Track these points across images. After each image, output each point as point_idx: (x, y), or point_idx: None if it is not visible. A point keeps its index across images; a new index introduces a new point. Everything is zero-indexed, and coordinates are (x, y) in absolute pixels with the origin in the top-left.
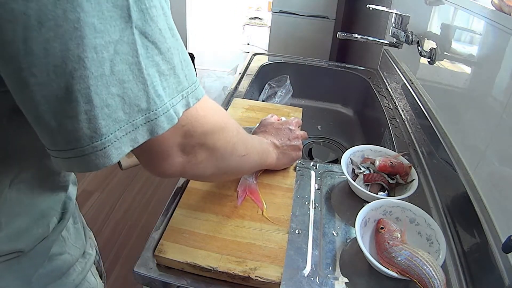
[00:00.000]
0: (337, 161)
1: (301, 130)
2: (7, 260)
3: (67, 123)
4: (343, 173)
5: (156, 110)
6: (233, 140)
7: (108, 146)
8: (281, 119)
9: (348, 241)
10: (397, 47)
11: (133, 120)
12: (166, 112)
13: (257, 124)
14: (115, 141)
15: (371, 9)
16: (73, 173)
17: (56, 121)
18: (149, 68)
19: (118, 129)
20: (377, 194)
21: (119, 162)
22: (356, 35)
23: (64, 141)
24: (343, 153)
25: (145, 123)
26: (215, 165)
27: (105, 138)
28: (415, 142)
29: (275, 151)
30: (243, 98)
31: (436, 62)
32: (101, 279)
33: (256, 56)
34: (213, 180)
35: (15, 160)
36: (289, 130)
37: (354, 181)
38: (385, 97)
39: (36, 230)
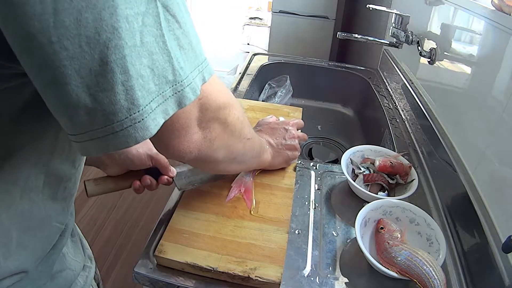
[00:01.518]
0: (337, 161)
1: (301, 132)
2: (11, 285)
3: (103, 97)
4: (343, 173)
5: (181, 81)
6: (241, 118)
7: (146, 117)
8: (279, 119)
9: (348, 241)
10: (397, 47)
11: (162, 92)
12: (190, 83)
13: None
14: (151, 112)
15: (371, 9)
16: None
17: (91, 96)
18: (171, 41)
19: (152, 100)
20: (377, 194)
21: (85, 189)
22: (356, 35)
23: (101, 117)
24: (343, 153)
25: (173, 95)
26: (226, 143)
27: (142, 109)
28: (415, 142)
29: (270, 150)
30: (243, 98)
31: (436, 62)
32: (98, 287)
33: (256, 56)
34: (223, 167)
35: (22, 165)
36: (285, 129)
37: (354, 181)
38: (385, 97)
39: (42, 247)
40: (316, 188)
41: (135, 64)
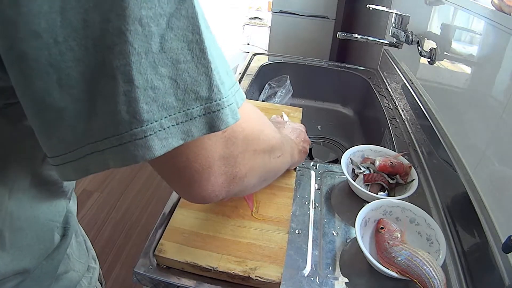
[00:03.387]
0: (337, 161)
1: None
2: (14, 286)
3: (104, 106)
4: (343, 173)
5: (219, 100)
6: (272, 142)
7: (150, 135)
8: (283, 118)
9: (348, 241)
10: (397, 47)
11: (187, 109)
12: (230, 104)
13: None
14: (159, 131)
15: (371, 9)
16: (72, 185)
17: (93, 103)
18: (214, 49)
19: (165, 117)
20: (377, 194)
21: None
22: (356, 35)
23: (101, 127)
24: (343, 153)
25: (204, 114)
26: (257, 174)
27: (146, 125)
28: (415, 142)
29: (296, 149)
30: None
31: (436, 62)
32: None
33: (256, 56)
34: (252, 191)
35: (13, 169)
36: (302, 132)
37: (354, 181)
38: (385, 97)
39: (38, 245)
40: (316, 188)
41: (144, 73)
